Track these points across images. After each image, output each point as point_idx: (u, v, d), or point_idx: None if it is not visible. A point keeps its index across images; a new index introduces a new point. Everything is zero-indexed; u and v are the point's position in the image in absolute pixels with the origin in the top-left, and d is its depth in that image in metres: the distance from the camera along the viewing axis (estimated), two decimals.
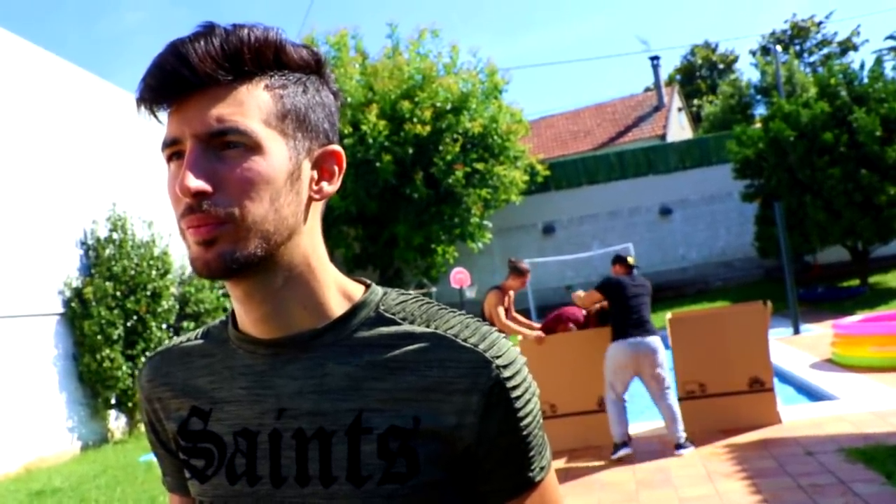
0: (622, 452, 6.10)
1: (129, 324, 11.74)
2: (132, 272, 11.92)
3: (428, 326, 0.91)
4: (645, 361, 6.11)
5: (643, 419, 7.23)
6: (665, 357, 6.20)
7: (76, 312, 11.24)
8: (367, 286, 0.98)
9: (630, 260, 6.75)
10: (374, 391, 0.88)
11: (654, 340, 6.13)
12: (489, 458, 0.89)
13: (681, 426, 6.11)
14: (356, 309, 0.93)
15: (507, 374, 0.88)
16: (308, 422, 0.89)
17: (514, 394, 0.89)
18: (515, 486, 0.91)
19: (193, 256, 0.86)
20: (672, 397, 6.16)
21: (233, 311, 0.98)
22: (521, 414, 0.89)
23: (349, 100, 17.37)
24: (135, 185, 13.02)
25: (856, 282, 16.36)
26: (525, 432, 0.90)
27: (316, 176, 0.93)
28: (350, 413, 0.88)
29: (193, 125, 0.84)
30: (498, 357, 0.89)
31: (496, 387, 0.87)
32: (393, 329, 0.91)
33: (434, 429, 0.87)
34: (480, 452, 0.88)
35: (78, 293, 11.35)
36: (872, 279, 16.43)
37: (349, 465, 0.87)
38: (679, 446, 6.05)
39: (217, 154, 0.84)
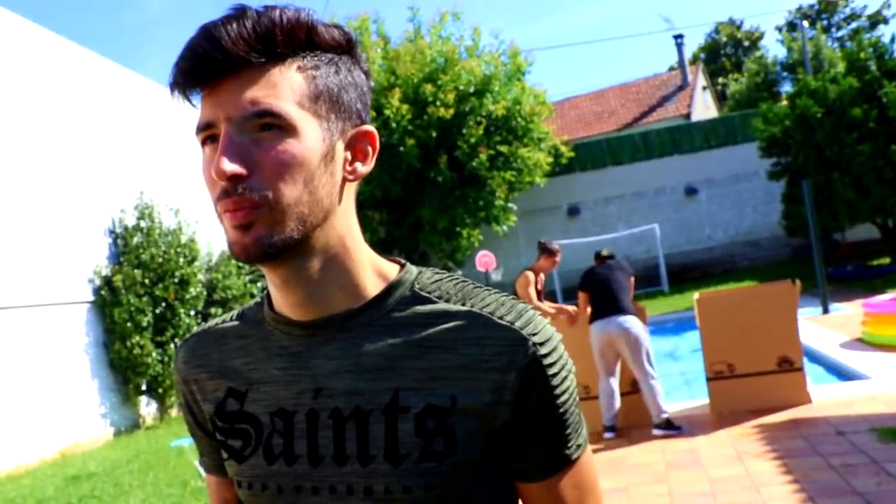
0: (608, 436, 6.21)
1: (157, 311, 11.88)
2: (160, 260, 12.04)
3: (464, 304, 0.91)
4: (619, 340, 6.17)
5: (672, 399, 7.21)
6: (643, 335, 6.19)
7: (106, 300, 11.38)
8: (402, 265, 0.98)
9: (604, 252, 6.76)
10: (411, 370, 0.88)
11: (626, 320, 6.14)
12: (526, 435, 0.89)
13: (660, 407, 6.11)
14: (391, 288, 0.94)
15: (543, 351, 0.89)
16: (345, 401, 0.89)
17: (551, 371, 0.89)
18: (552, 463, 0.92)
19: (232, 241, 0.86)
20: (650, 378, 6.13)
21: (268, 293, 0.99)
22: (557, 391, 0.90)
23: (372, 83, 17.35)
24: (161, 174, 13.13)
25: (886, 260, 16.15)
26: (562, 409, 0.90)
27: (349, 157, 0.92)
28: (387, 392, 0.88)
29: (227, 108, 0.84)
30: (535, 334, 0.89)
31: (533, 364, 0.88)
32: (429, 308, 0.92)
33: (471, 407, 0.87)
34: (517, 430, 0.89)
35: (107, 281, 11.48)
36: None
37: (387, 443, 0.87)
38: (657, 426, 6.10)
39: (251, 137, 0.84)
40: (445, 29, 18.65)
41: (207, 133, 0.87)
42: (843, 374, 7.83)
